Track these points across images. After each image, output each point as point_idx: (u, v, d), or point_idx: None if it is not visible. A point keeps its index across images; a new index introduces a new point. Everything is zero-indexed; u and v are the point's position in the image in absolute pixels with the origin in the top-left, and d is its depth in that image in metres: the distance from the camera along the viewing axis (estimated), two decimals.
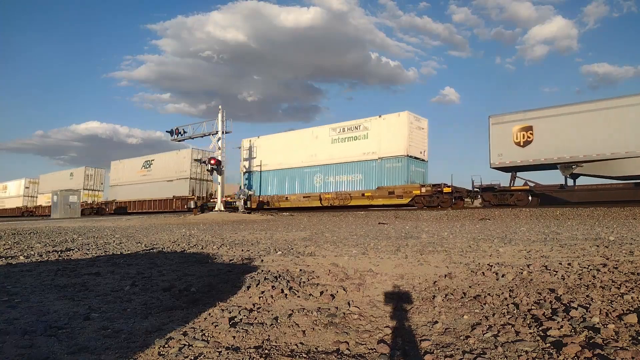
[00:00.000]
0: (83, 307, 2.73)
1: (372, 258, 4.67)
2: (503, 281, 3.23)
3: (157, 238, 8.35)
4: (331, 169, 22.57)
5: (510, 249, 5.05)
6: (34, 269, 4.32)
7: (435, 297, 2.83)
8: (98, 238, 8.65)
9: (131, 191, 34.34)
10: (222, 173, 21.97)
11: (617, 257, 4.12)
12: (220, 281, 3.55)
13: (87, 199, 38.74)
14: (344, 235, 7.89)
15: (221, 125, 21.62)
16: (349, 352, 1.96)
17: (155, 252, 5.85)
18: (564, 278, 3.20)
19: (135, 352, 1.93)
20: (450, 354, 1.86)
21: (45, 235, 9.63)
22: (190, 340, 2.08)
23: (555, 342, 1.92)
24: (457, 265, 4.05)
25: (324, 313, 2.55)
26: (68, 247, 6.72)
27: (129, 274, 3.99)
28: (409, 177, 19.81)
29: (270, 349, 1.99)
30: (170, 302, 2.87)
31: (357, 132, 21.73)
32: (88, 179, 40.04)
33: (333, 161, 22.37)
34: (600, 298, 2.58)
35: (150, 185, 32.61)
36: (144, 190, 32.72)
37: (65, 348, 1.98)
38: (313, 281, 3.47)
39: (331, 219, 14.65)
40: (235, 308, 2.66)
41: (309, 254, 5.19)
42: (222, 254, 5.38)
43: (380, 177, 20.63)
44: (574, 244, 5.32)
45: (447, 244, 5.88)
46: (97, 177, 40.80)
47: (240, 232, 9.56)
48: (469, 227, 9.24)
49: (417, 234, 7.65)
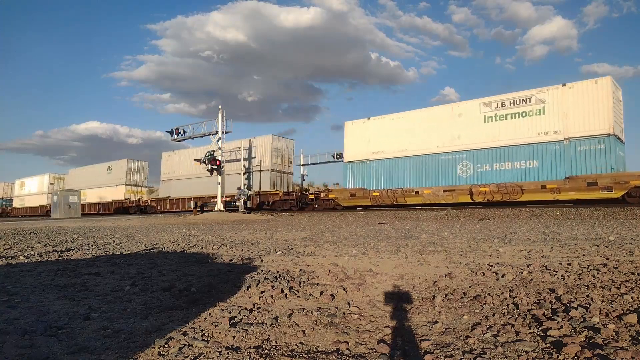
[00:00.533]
0: (83, 307, 2.73)
1: (372, 258, 4.67)
2: (503, 281, 3.23)
3: (157, 238, 8.35)
4: (485, 154, 17.59)
5: (510, 249, 5.05)
6: (34, 269, 4.32)
7: (435, 297, 2.83)
8: (98, 238, 8.65)
9: (191, 186, 29.27)
10: (222, 173, 21.96)
11: (617, 257, 4.12)
12: (220, 281, 3.55)
13: (130, 195, 34.74)
14: (344, 235, 7.88)
15: (221, 125, 21.61)
16: (349, 352, 1.96)
17: (155, 252, 5.85)
18: (564, 278, 3.20)
19: (135, 352, 1.93)
20: (450, 354, 1.86)
21: (45, 235, 9.63)
22: (190, 340, 2.08)
23: (555, 342, 1.92)
24: (457, 265, 4.05)
25: (324, 313, 2.55)
26: (68, 247, 6.72)
27: (129, 274, 3.99)
28: (615, 163, 14.89)
29: (270, 349, 1.99)
30: (170, 302, 2.87)
31: (525, 107, 16.82)
32: (130, 173, 35.36)
33: (487, 144, 17.50)
34: (600, 298, 2.58)
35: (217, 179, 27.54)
36: (209, 185, 26.21)
37: (65, 348, 1.98)
38: (313, 281, 3.47)
39: (331, 219, 14.65)
40: (235, 308, 2.66)
41: (309, 254, 5.19)
42: (222, 254, 5.38)
43: (568, 164, 15.66)
44: (574, 244, 5.32)
45: (447, 244, 5.88)
46: (140, 171, 36.22)
47: (240, 232, 9.56)
48: (469, 227, 9.24)
49: (417, 234, 7.65)
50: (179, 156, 31.61)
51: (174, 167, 31.74)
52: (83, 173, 40.51)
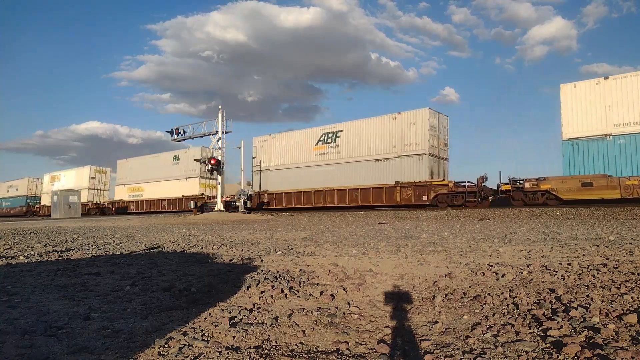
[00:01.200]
0: (83, 307, 2.73)
1: (372, 258, 4.67)
2: (503, 281, 3.23)
3: (157, 238, 8.35)
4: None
5: (510, 249, 5.05)
6: (34, 269, 4.32)
7: (435, 297, 2.83)
8: (98, 238, 8.65)
9: (297, 177, 23.48)
10: (222, 173, 21.96)
11: (617, 257, 4.12)
12: (220, 281, 3.55)
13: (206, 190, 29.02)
14: (344, 235, 7.88)
15: (221, 125, 21.62)
16: (349, 352, 1.96)
17: (155, 252, 5.85)
18: (564, 278, 3.20)
19: (135, 352, 1.93)
20: (450, 354, 1.86)
21: (45, 235, 9.63)
22: (190, 340, 2.08)
23: (555, 342, 1.92)
24: (457, 265, 4.05)
25: (324, 313, 2.55)
26: (68, 247, 6.72)
27: (129, 274, 3.99)
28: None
29: (270, 349, 1.99)
30: (170, 302, 2.87)
31: None
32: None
33: None
34: (600, 298, 2.58)
35: (337, 167, 21.85)
36: (327, 176, 22.04)
37: (65, 348, 1.98)
38: (313, 281, 3.47)
39: (331, 219, 14.65)
40: (235, 308, 2.66)
41: (309, 254, 5.19)
42: (222, 254, 5.38)
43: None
44: (574, 244, 5.32)
45: (447, 243, 5.88)
46: None
47: (240, 232, 9.56)
48: (469, 227, 9.24)
49: (417, 234, 7.65)
50: (279, 141, 25.53)
51: (270, 155, 25.63)
52: (137, 165, 34.66)
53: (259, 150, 26.24)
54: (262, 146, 26.13)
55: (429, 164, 19.31)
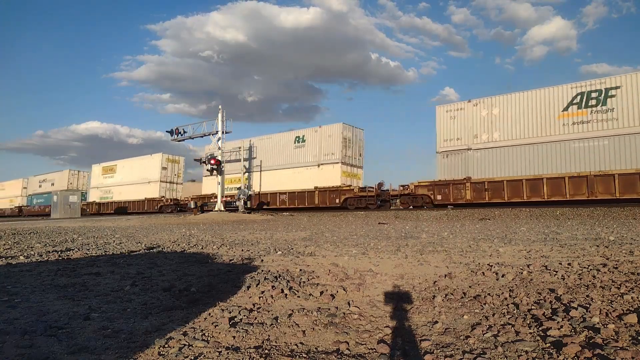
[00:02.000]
0: (83, 307, 2.73)
1: (372, 258, 4.67)
2: (503, 281, 3.23)
3: (157, 238, 8.35)
4: None
5: (510, 249, 5.05)
6: (34, 269, 4.32)
7: (435, 297, 2.83)
8: (98, 238, 8.65)
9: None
10: (222, 173, 21.96)
11: (617, 257, 4.12)
12: (220, 281, 3.55)
13: (347, 180, 22.88)
14: (344, 235, 7.88)
15: (221, 125, 21.64)
16: (349, 352, 1.96)
17: (155, 252, 5.85)
18: (564, 278, 3.20)
19: (135, 352, 1.93)
20: (450, 354, 1.86)
21: (45, 235, 9.63)
22: (190, 340, 2.08)
23: (555, 342, 1.92)
24: (457, 265, 4.05)
25: (324, 313, 2.55)
26: (68, 247, 6.72)
27: (129, 274, 3.99)
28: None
29: (270, 349, 1.99)
30: (170, 302, 2.87)
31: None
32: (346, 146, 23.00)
33: None
34: (600, 298, 2.58)
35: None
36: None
37: (65, 348, 1.98)
38: (313, 281, 3.46)
39: (331, 219, 14.65)
40: (235, 308, 2.66)
41: (309, 254, 5.19)
42: (222, 254, 5.38)
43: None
44: (574, 244, 5.32)
45: (447, 244, 5.88)
46: (355, 143, 23.73)
47: (240, 232, 9.56)
48: (469, 227, 9.23)
49: (417, 234, 7.65)
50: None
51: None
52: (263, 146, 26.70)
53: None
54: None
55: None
